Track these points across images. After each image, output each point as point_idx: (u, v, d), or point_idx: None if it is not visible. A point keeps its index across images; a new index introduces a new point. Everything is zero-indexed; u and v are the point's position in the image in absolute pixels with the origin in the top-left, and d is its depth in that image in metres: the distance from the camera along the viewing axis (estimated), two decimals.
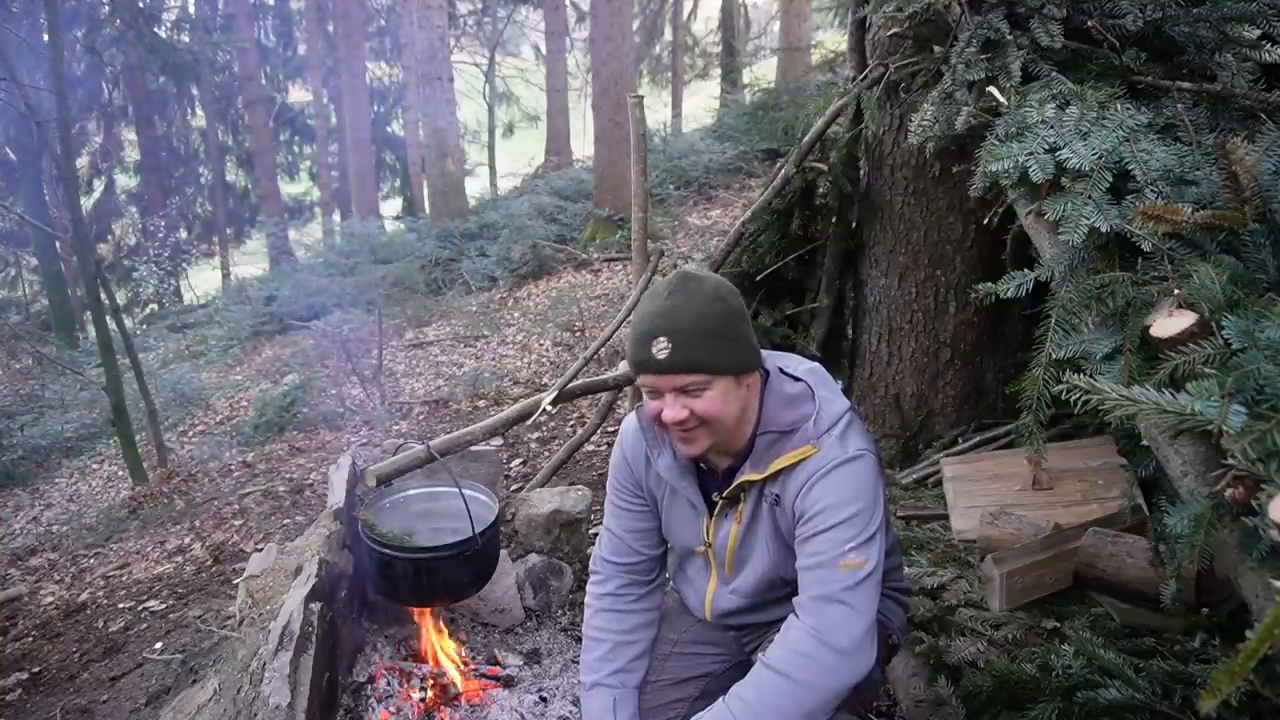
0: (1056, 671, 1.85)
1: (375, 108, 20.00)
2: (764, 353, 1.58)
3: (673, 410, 1.44)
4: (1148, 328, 1.38)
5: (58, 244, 11.85)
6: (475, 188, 16.98)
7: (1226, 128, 1.79)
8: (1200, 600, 2.15)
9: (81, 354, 10.72)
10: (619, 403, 4.07)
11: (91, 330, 9.67)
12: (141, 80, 16.15)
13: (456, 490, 2.33)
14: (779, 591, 1.64)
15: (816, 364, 1.64)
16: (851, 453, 1.48)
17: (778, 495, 1.52)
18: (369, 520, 2.33)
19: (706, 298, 1.45)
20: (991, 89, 2.07)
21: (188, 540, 4.73)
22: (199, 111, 18.87)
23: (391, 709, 2.23)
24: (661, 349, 1.41)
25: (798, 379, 1.57)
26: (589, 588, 1.81)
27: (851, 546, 1.43)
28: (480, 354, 7.70)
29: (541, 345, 7.38)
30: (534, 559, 2.85)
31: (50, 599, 4.30)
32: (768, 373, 1.57)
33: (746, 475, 1.54)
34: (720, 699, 1.48)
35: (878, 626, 1.51)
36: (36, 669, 3.36)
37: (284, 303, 10.70)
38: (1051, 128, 1.79)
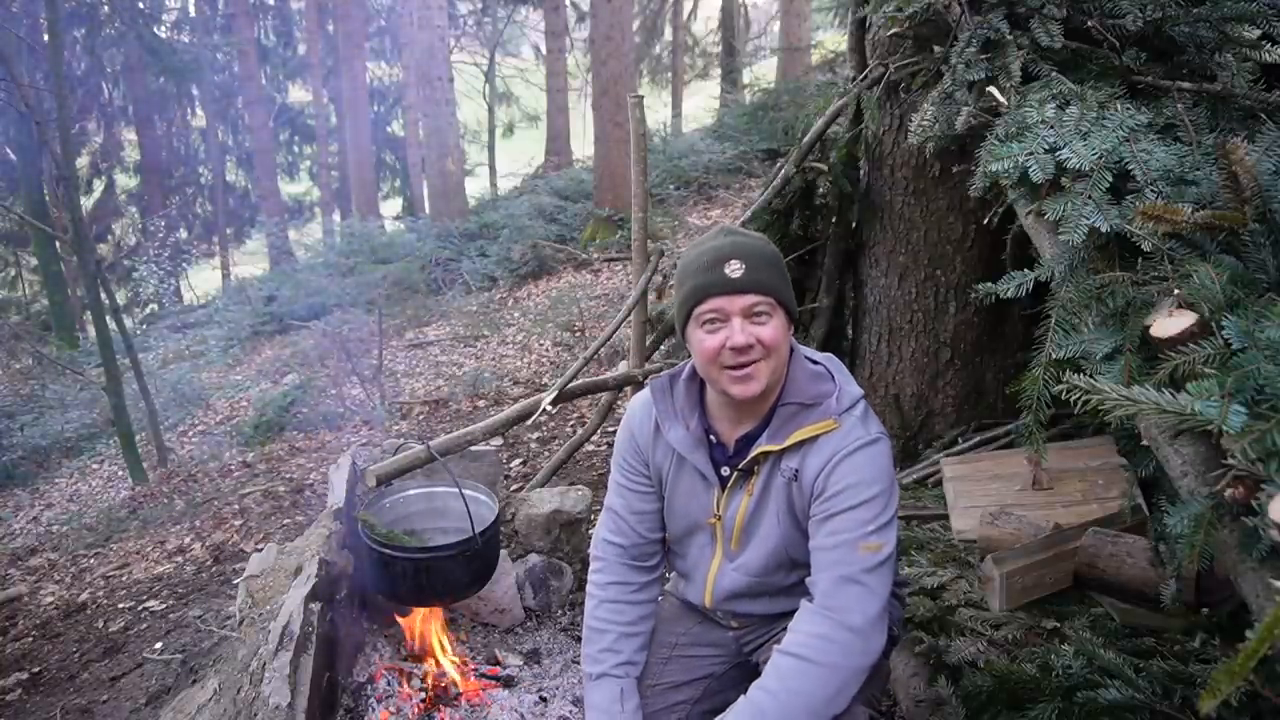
0: (1056, 671, 1.85)
1: (375, 108, 20.00)
2: None
3: (741, 335, 1.46)
4: (1148, 328, 1.38)
5: (58, 244, 11.85)
6: (475, 188, 16.98)
7: (1226, 128, 1.78)
8: (1200, 600, 2.15)
9: (81, 354, 10.72)
10: (619, 403, 4.07)
11: (91, 330, 9.67)
12: (141, 80, 16.15)
13: (456, 490, 2.33)
14: (785, 575, 1.64)
15: (830, 354, 1.67)
16: (874, 434, 1.51)
17: (796, 470, 1.53)
18: (369, 520, 2.33)
19: (761, 238, 1.58)
20: (991, 89, 2.07)
21: (188, 540, 4.74)
22: (199, 111, 18.88)
23: (391, 709, 2.23)
24: (735, 269, 1.47)
25: (816, 362, 1.61)
26: (591, 576, 1.81)
27: (872, 529, 1.46)
28: (480, 354, 7.70)
29: (541, 345, 7.38)
30: (534, 559, 2.85)
31: (50, 599, 4.30)
32: (790, 349, 1.59)
33: (764, 446, 1.54)
34: (741, 697, 1.47)
35: None
36: (36, 669, 3.36)
37: (284, 303, 10.71)
38: (1051, 128, 1.78)
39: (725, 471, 1.62)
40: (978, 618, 2.29)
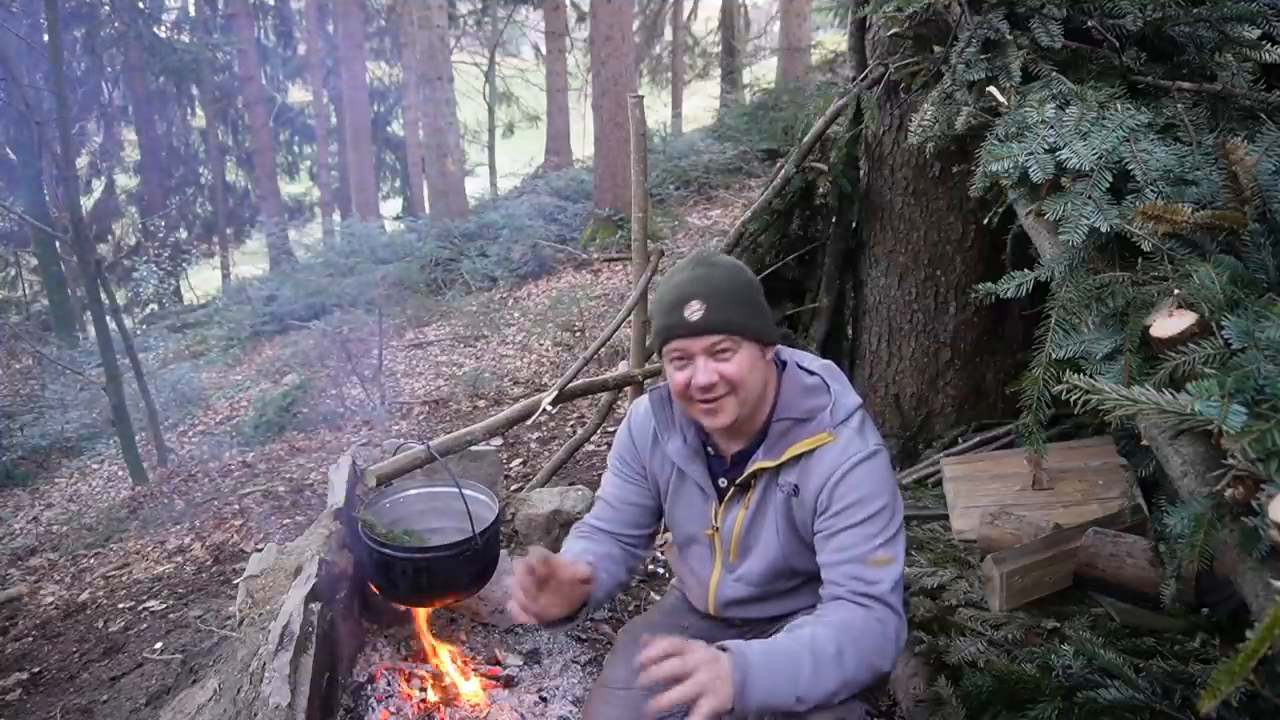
0: (1056, 671, 1.85)
1: (375, 108, 20.00)
2: (779, 346, 1.61)
3: (704, 374, 1.46)
4: (1148, 328, 1.38)
5: (58, 244, 11.84)
6: (475, 188, 16.99)
7: (1226, 128, 1.78)
8: (1200, 600, 2.15)
9: (81, 354, 10.71)
10: (619, 403, 4.07)
11: (91, 330, 9.67)
12: (141, 80, 16.15)
13: (456, 490, 2.33)
14: (786, 582, 1.65)
15: (829, 361, 1.67)
16: (872, 447, 1.51)
17: (796, 485, 1.53)
18: (369, 520, 2.33)
19: (732, 268, 1.54)
20: (991, 89, 2.07)
21: (188, 540, 4.74)
22: (199, 111, 18.85)
23: (391, 709, 2.23)
24: (695, 310, 1.46)
25: (812, 372, 1.61)
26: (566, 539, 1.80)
27: (880, 543, 1.46)
28: (480, 354, 7.70)
29: (541, 345, 7.38)
30: None
31: (50, 599, 4.30)
32: (784, 363, 1.60)
33: (760, 462, 1.55)
34: (798, 622, 1.44)
35: None
36: (36, 669, 3.36)
37: (284, 303, 10.72)
38: (1051, 128, 1.78)
39: (722, 484, 1.63)
40: (978, 618, 2.29)
